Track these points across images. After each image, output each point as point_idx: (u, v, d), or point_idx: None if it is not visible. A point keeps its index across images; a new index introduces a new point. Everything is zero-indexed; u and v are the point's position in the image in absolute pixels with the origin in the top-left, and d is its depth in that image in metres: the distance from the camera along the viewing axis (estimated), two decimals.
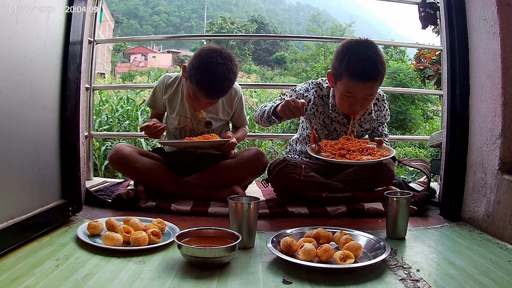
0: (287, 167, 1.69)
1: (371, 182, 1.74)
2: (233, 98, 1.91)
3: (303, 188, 1.68)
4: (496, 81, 1.39)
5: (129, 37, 6.67)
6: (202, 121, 1.86)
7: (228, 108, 1.93)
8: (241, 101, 1.95)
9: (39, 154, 1.28)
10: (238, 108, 1.95)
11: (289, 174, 1.68)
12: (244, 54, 36.68)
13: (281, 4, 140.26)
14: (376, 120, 1.86)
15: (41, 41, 1.26)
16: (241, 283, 0.97)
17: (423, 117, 10.89)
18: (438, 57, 5.25)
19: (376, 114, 1.85)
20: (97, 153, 5.43)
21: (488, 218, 1.40)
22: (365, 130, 1.87)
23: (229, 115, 1.95)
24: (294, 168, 1.69)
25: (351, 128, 1.75)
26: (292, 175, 1.67)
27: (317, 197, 1.68)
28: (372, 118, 1.84)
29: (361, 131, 1.86)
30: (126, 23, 70.74)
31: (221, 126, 1.96)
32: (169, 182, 1.74)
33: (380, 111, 1.86)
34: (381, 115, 1.86)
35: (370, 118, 1.83)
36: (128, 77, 20.43)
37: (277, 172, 1.70)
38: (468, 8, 1.55)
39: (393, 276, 1.02)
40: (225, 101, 1.91)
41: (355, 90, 1.59)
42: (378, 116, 1.86)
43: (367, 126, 1.86)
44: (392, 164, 1.78)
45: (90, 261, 1.07)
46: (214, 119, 1.90)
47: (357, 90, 1.59)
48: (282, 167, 1.69)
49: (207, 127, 1.88)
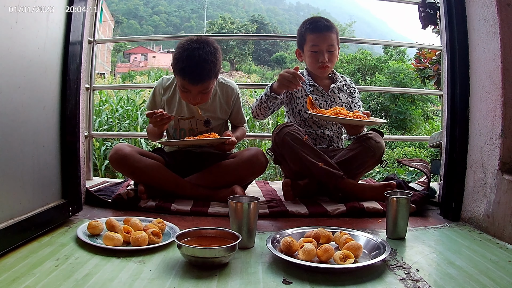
0: (292, 126, 1.80)
1: (360, 159, 1.79)
2: (230, 96, 1.93)
3: (303, 149, 1.73)
4: (496, 81, 1.39)
5: (129, 37, 6.67)
6: (201, 120, 1.87)
7: (226, 106, 1.94)
8: (238, 99, 1.97)
9: (39, 154, 1.28)
10: (235, 106, 1.96)
11: (293, 132, 1.77)
12: (244, 54, 36.66)
13: (281, 4, 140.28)
14: (350, 96, 2.08)
15: (41, 41, 1.26)
16: (241, 283, 0.97)
17: (423, 117, 10.90)
18: (438, 57, 5.25)
19: (347, 89, 2.09)
20: (97, 153, 5.43)
21: (488, 218, 1.40)
22: (344, 103, 2.04)
23: (227, 114, 1.96)
24: (298, 131, 1.79)
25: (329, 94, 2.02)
26: (295, 134, 1.76)
27: (313, 165, 1.71)
28: (343, 90, 2.06)
29: (339, 103, 2.02)
30: (126, 23, 70.73)
31: (220, 125, 1.96)
32: (169, 182, 1.74)
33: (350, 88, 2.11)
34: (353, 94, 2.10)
35: (341, 88, 2.06)
36: (128, 77, 20.46)
37: (282, 128, 1.79)
38: (468, 8, 1.55)
39: (393, 276, 1.02)
40: (222, 100, 1.92)
41: (318, 40, 1.94)
42: (350, 93, 2.09)
43: (344, 100, 2.04)
44: (379, 137, 1.85)
45: (90, 261, 1.07)
46: (213, 118, 1.90)
47: (320, 40, 1.94)
48: (288, 126, 1.80)
49: (206, 126, 1.88)
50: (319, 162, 1.71)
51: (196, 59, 1.66)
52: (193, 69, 1.66)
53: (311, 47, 1.96)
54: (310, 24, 1.98)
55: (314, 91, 2.02)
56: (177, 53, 1.72)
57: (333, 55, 1.98)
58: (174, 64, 1.72)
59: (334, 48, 1.97)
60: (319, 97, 2.01)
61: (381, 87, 8.91)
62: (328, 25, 1.97)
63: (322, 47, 1.94)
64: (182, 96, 1.79)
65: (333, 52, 1.97)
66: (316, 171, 1.71)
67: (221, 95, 1.91)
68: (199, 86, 1.70)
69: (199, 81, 1.68)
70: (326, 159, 1.75)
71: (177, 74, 1.70)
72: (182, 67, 1.67)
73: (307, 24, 1.99)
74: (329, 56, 1.96)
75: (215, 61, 1.71)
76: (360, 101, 2.15)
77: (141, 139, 5.67)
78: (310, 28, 1.97)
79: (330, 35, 1.95)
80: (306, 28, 1.98)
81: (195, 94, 1.72)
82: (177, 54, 1.71)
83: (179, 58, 1.69)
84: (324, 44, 1.94)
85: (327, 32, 1.95)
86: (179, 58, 1.69)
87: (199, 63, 1.66)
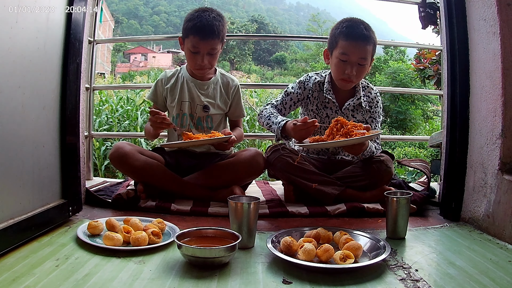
0: (283, 150, 1.75)
1: (368, 180, 1.73)
2: (230, 86, 1.98)
3: (294, 173, 1.71)
4: (496, 81, 1.39)
5: (129, 37, 6.67)
6: (200, 104, 1.90)
7: (225, 96, 1.97)
8: (238, 92, 1.99)
9: (39, 154, 1.28)
10: (235, 99, 1.99)
11: (283, 157, 1.72)
12: (244, 54, 36.68)
13: (281, 4, 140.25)
14: (368, 112, 1.88)
15: (41, 41, 1.26)
16: (241, 283, 0.97)
17: (423, 117, 10.90)
18: (438, 57, 5.25)
19: (369, 106, 1.88)
20: (97, 153, 5.42)
21: (488, 218, 1.40)
22: (357, 121, 1.83)
23: (226, 104, 1.97)
24: (290, 153, 1.74)
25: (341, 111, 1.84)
26: (286, 159, 1.72)
27: (307, 186, 1.70)
28: (361, 106, 1.86)
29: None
30: (126, 23, 70.73)
31: (220, 118, 1.97)
32: (168, 181, 1.74)
33: (373, 104, 1.89)
34: (373, 109, 1.88)
35: (359, 105, 1.86)
36: (128, 77, 20.44)
37: (272, 153, 1.76)
38: (468, 8, 1.55)
39: (393, 276, 1.02)
40: (222, 88, 1.97)
41: (349, 50, 1.71)
42: (371, 108, 1.88)
43: (359, 117, 1.87)
44: (390, 162, 1.78)
45: (90, 261, 1.07)
46: (212, 104, 1.92)
47: (352, 50, 1.71)
48: (278, 149, 1.75)
49: (204, 111, 1.91)
50: (312, 183, 1.69)
51: (206, 17, 1.79)
52: (204, 24, 1.78)
53: (340, 55, 1.73)
54: (346, 28, 1.74)
55: (327, 106, 1.86)
56: (188, 16, 1.85)
57: (362, 69, 1.75)
58: (185, 25, 1.82)
59: (366, 62, 1.73)
60: (330, 113, 1.85)
61: (381, 87, 8.89)
62: (366, 35, 1.71)
63: (352, 58, 1.71)
64: (192, 61, 1.85)
65: (363, 66, 1.74)
66: (310, 191, 1.70)
67: (222, 84, 1.98)
68: (209, 43, 1.79)
69: (210, 37, 1.78)
70: (321, 178, 1.70)
71: (189, 32, 1.79)
72: (194, 24, 1.78)
73: (343, 27, 1.75)
74: (358, 69, 1.73)
75: (222, 24, 1.84)
76: (381, 116, 1.93)
77: (141, 139, 5.66)
78: (344, 33, 1.73)
79: (365, 46, 1.71)
80: (340, 30, 1.75)
81: (203, 54, 1.81)
82: (189, 16, 1.84)
83: (191, 19, 1.81)
84: (355, 55, 1.71)
85: (363, 42, 1.71)
86: (191, 18, 1.81)
87: (209, 21, 1.79)
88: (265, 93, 9.62)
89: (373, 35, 1.74)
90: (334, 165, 1.85)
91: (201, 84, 1.93)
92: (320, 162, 1.85)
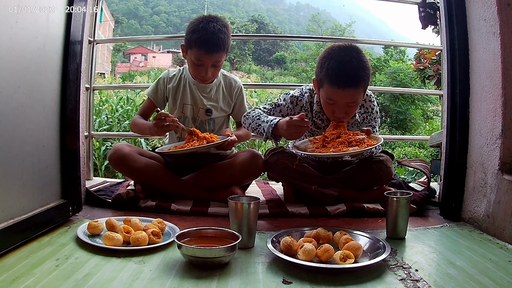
0: (282, 153, 1.73)
1: (368, 180, 1.73)
2: (233, 87, 1.96)
3: (293, 177, 1.71)
4: (496, 81, 1.39)
5: (129, 37, 6.66)
6: (203, 108, 1.88)
7: (229, 98, 1.95)
8: (242, 93, 1.98)
9: (39, 154, 1.28)
10: (238, 100, 1.97)
11: (282, 160, 1.71)
12: (244, 54, 36.67)
13: (281, 4, 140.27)
14: (362, 122, 1.80)
15: (41, 41, 1.26)
16: (241, 283, 0.97)
17: (423, 117, 10.91)
18: (438, 57, 5.26)
19: (363, 117, 1.80)
20: (97, 153, 5.43)
21: (488, 218, 1.40)
22: None
23: (229, 106, 1.96)
24: (289, 157, 1.72)
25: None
26: (285, 162, 1.71)
27: (306, 188, 1.70)
28: (357, 121, 1.78)
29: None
30: (126, 23, 70.74)
31: (223, 120, 1.96)
32: (168, 182, 1.74)
33: (368, 113, 1.80)
34: (369, 117, 1.80)
35: (354, 121, 1.77)
36: (128, 77, 20.43)
37: (271, 156, 1.74)
38: (468, 8, 1.55)
39: (393, 276, 1.02)
40: (225, 91, 1.95)
41: (335, 97, 1.57)
42: (365, 118, 1.80)
43: (356, 130, 1.75)
44: (390, 162, 1.76)
45: (90, 261, 1.07)
46: (215, 107, 1.91)
47: (338, 97, 1.57)
48: (277, 153, 1.73)
49: (207, 115, 1.90)
50: (312, 185, 1.69)
51: (211, 30, 1.74)
52: (209, 37, 1.72)
53: (327, 98, 1.60)
54: (332, 71, 1.54)
55: (320, 127, 1.78)
56: (191, 26, 1.78)
57: (354, 108, 1.63)
58: (189, 36, 1.76)
59: (355, 103, 1.60)
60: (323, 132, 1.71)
61: (381, 87, 8.91)
62: (354, 80, 1.54)
63: (339, 102, 1.58)
64: (195, 72, 1.82)
65: (353, 106, 1.61)
66: (310, 193, 1.70)
67: (225, 86, 1.95)
68: (213, 56, 1.75)
69: (214, 50, 1.74)
70: (320, 180, 1.70)
71: (193, 45, 1.74)
72: (199, 37, 1.72)
73: (329, 67, 1.55)
74: (348, 110, 1.61)
75: (227, 35, 1.79)
76: (378, 119, 1.86)
77: (141, 139, 5.67)
78: (330, 77, 1.54)
79: (353, 91, 1.55)
80: (326, 73, 1.56)
81: (207, 67, 1.77)
82: (192, 26, 1.77)
83: (194, 30, 1.75)
84: (342, 100, 1.58)
85: (350, 88, 1.54)
86: (195, 29, 1.75)
87: (214, 33, 1.73)
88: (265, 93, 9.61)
89: (364, 72, 1.56)
90: (333, 165, 1.84)
91: (204, 87, 1.91)
92: (320, 163, 1.85)
